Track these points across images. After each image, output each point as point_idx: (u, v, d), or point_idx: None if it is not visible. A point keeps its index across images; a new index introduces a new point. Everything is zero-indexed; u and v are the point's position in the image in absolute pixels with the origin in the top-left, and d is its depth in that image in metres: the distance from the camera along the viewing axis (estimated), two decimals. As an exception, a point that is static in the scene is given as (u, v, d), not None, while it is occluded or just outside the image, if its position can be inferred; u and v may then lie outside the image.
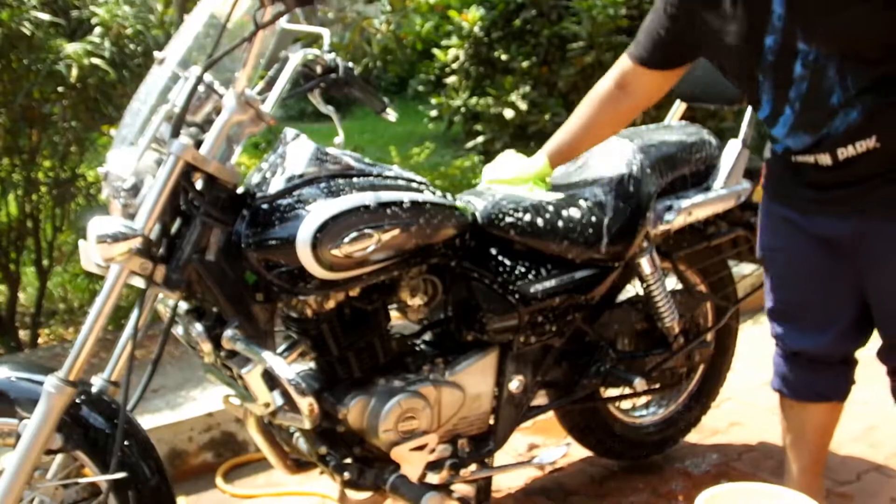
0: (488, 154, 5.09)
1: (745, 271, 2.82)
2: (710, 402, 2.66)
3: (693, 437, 2.69)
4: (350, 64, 1.87)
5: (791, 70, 1.66)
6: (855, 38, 1.59)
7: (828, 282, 1.88)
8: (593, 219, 2.06)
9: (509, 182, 2.03)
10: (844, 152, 1.69)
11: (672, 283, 2.40)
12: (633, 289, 2.34)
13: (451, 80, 5.22)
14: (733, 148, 2.32)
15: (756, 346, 3.13)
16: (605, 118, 1.96)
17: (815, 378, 1.99)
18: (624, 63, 1.94)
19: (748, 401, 2.94)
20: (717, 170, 2.32)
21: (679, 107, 2.55)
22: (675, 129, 2.39)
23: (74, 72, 3.04)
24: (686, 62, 1.91)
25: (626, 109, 1.98)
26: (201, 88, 1.70)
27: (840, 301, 1.89)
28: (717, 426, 2.81)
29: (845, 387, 2.03)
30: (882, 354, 1.91)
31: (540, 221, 2.01)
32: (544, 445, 2.71)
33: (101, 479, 1.65)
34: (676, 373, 2.43)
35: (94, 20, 3.20)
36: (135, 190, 1.67)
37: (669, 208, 2.19)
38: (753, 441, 2.72)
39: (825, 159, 1.72)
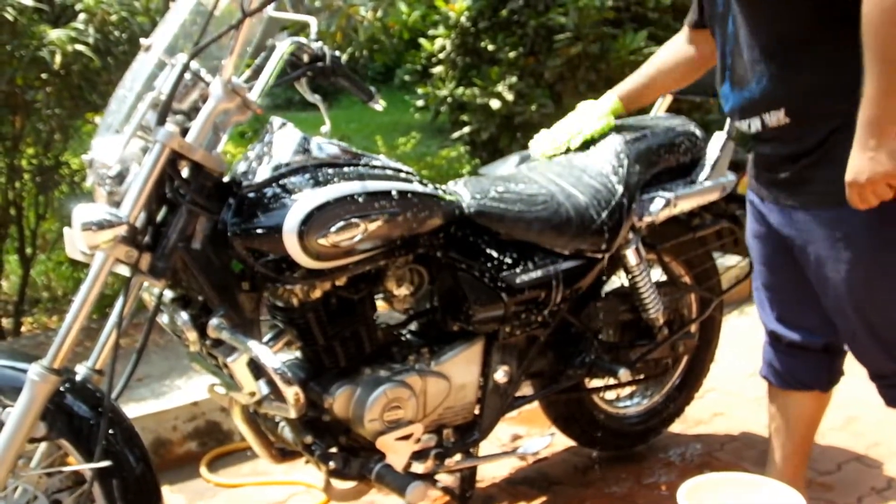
0: (474, 144, 5.06)
1: (729, 263, 2.83)
2: (694, 392, 2.68)
3: (677, 427, 2.71)
4: (337, 53, 1.86)
5: (727, 26, 1.81)
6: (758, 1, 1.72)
7: (791, 272, 1.90)
8: (580, 210, 2.06)
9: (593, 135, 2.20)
10: (768, 118, 1.77)
11: (657, 274, 2.41)
12: (618, 280, 2.35)
13: (438, 69, 5.20)
14: (718, 140, 2.33)
15: (740, 337, 3.15)
16: (677, 68, 2.17)
17: (795, 365, 2.01)
18: (684, 29, 2.13)
19: (732, 391, 2.96)
20: (703, 162, 2.33)
21: (665, 99, 2.56)
22: (661, 120, 2.40)
23: (58, 58, 3.01)
24: None
25: (696, 64, 2.14)
26: (188, 76, 1.69)
27: (807, 290, 1.90)
28: (701, 417, 2.83)
29: (826, 376, 2.03)
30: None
31: (526, 212, 2.01)
32: (529, 435, 2.72)
33: (86, 468, 1.65)
34: (661, 363, 2.44)
35: (78, 6, 3.17)
36: (120, 177, 1.66)
37: (655, 200, 2.20)
38: (736, 431, 2.74)
39: (756, 124, 1.81)
